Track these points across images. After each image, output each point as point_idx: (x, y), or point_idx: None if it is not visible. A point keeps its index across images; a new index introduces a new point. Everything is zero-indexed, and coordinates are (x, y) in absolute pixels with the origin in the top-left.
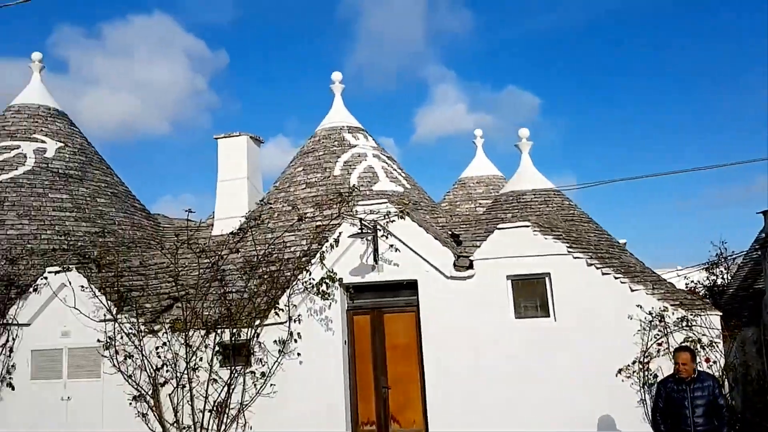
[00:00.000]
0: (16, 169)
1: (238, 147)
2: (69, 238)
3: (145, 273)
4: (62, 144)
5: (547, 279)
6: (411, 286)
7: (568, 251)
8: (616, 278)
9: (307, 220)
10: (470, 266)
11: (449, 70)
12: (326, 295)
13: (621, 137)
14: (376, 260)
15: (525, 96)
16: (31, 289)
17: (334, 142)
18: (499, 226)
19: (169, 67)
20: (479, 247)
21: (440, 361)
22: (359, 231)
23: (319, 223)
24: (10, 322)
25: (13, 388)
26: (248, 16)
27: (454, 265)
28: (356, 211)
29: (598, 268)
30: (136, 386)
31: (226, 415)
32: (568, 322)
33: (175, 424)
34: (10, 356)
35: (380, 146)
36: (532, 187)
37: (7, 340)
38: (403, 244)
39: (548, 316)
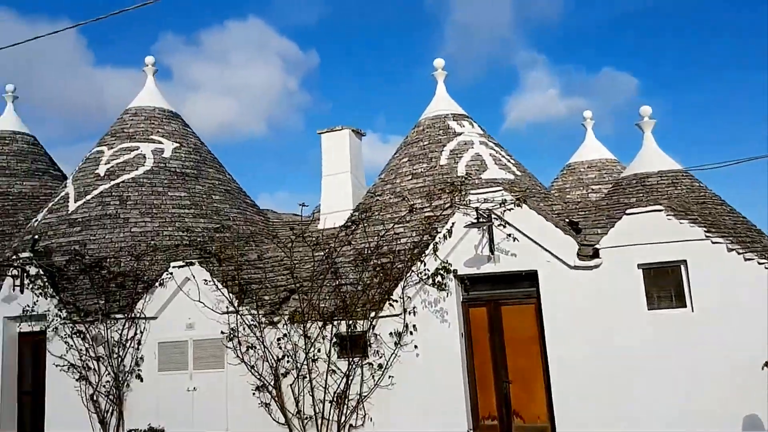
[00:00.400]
0: (137, 169)
1: (341, 140)
2: (189, 234)
3: (262, 266)
4: (178, 144)
5: (682, 266)
6: (530, 277)
7: (706, 236)
8: (760, 263)
9: (415, 211)
10: (595, 255)
11: (540, 55)
12: (442, 287)
13: (727, 116)
14: (492, 251)
15: (622, 77)
16: (156, 284)
17: (438, 130)
18: (627, 211)
19: (263, 70)
20: (603, 234)
21: (565, 355)
22: (475, 221)
23: (428, 213)
24: (137, 315)
25: (141, 380)
26: (337, 15)
27: (578, 254)
28: (469, 200)
29: (739, 254)
30: (258, 377)
31: (345, 406)
32: (706, 313)
33: (297, 414)
34: (138, 349)
35: (487, 133)
36: (657, 168)
37: (135, 333)
38: (521, 233)
39: (684, 306)
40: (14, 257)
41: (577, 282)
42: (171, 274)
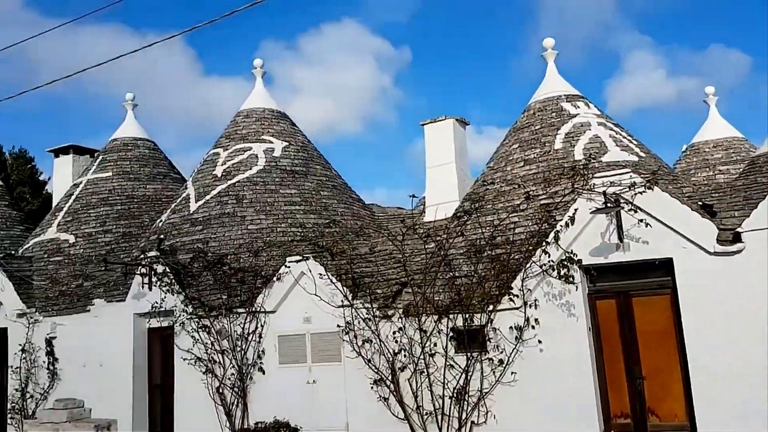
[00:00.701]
0: (251, 168)
1: (445, 131)
2: (302, 230)
3: (372, 260)
4: (287, 143)
5: None
6: (663, 265)
7: None
8: None
9: (532, 198)
10: (736, 239)
11: (643, 35)
12: (568, 278)
13: None
14: (620, 238)
15: (732, 54)
16: (274, 278)
17: (551, 113)
18: None
19: (358, 70)
20: (743, 217)
21: (705, 349)
22: (603, 206)
23: (545, 201)
24: (257, 309)
25: (263, 372)
26: (428, 9)
27: (717, 239)
28: (593, 184)
29: None
30: (376, 370)
31: (466, 402)
32: None
33: (417, 410)
34: (259, 342)
35: (604, 113)
36: None
37: (257, 327)
38: (654, 218)
39: None
40: (142, 256)
41: (717, 269)
42: (288, 268)
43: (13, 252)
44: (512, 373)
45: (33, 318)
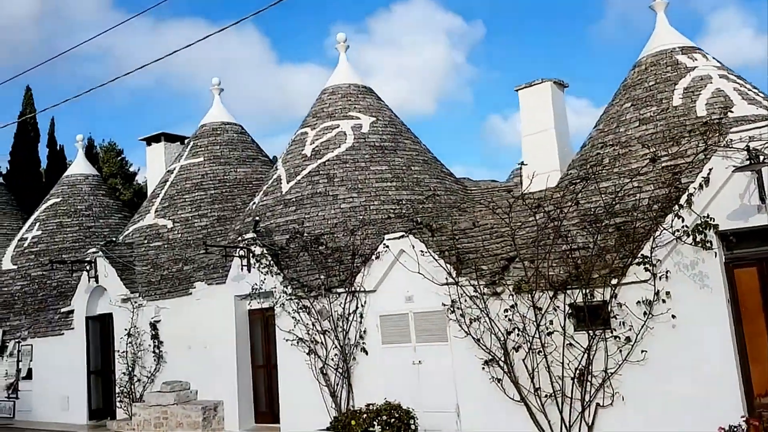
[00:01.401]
0: (339, 146)
1: (542, 95)
2: (396, 207)
3: (475, 235)
4: (374, 118)
5: None
6: None
7: None
8: None
9: (658, 160)
10: None
11: None
12: (706, 245)
13: None
14: (762, 199)
15: None
16: (373, 257)
17: (665, 67)
18: None
19: (430, 48)
20: None
21: None
22: (746, 163)
23: (667, 163)
24: (357, 289)
25: (366, 353)
26: None
27: None
28: (730, 140)
29: None
30: (487, 350)
31: (589, 383)
32: None
33: (535, 392)
34: (361, 322)
35: (724, 66)
36: None
37: (357, 307)
38: None
39: None
40: (240, 239)
41: None
42: (387, 246)
43: (113, 239)
44: (642, 351)
45: (137, 302)
